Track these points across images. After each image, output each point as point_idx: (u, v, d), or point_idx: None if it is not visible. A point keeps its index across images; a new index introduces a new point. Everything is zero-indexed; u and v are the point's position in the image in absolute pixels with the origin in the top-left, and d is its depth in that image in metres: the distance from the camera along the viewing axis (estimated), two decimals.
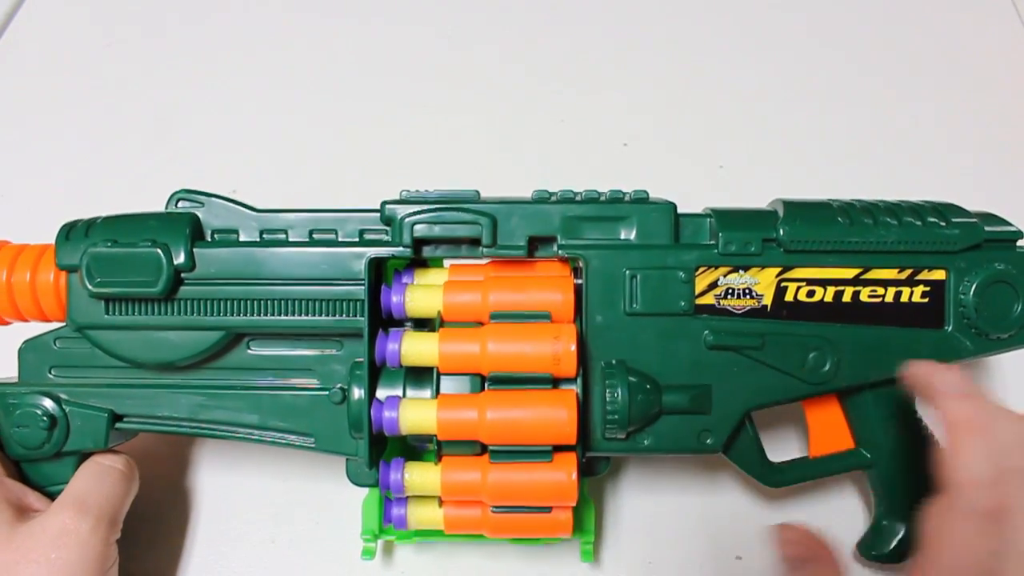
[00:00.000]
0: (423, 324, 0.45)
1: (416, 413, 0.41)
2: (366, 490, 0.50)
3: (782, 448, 0.52)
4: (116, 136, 0.67)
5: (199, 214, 0.46)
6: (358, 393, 0.43)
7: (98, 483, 0.44)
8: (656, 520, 0.51)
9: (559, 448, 0.42)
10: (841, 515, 0.51)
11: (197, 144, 0.66)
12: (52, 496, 0.45)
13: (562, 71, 0.68)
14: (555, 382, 0.42)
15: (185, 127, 0.67)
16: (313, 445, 0.45)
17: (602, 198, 0.44)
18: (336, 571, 0.51)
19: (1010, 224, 0.45)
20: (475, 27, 0.71)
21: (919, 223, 0.44)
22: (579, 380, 0.42)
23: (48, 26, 0.74)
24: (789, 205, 0.45)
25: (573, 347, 0.41)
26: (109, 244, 0.43)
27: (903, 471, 0.46)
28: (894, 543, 0.45)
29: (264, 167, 0.62)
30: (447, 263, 0.47)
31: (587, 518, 0.47)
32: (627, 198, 0.45)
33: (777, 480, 0.46)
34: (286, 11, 0.73)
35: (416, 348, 0.42)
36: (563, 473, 0.41)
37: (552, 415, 0.41)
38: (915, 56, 0.69)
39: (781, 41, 0.70)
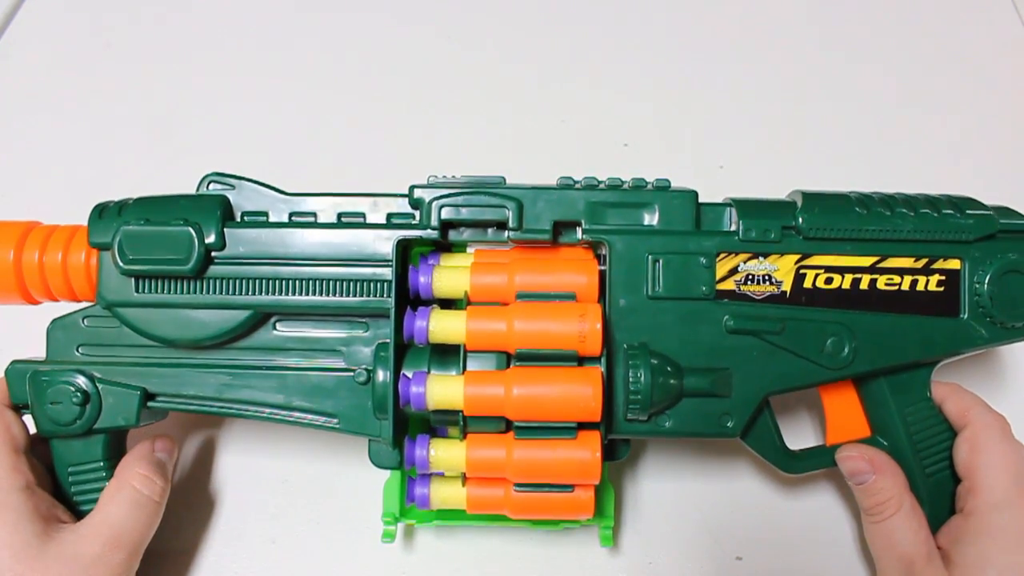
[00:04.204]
0: (448, 306, 0.46)
1: (444, 388, 0.42)
2: (368, 492, 0.51)
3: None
4: (117, 135, 0.67)
5: (230, 196, 0.46)
6: (383, 374, 0.44)
7: (134, 515, 0.44)
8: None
9: (583, 426, 0.42)
10: (851, 508, 0.51)
11: (198, 143, 0.66)
12: (77, 500, 0.46)
13: (563, 71, 0.69)
14: (580, 360, 0.43)
15: (186, 126, 0.67)
16: (337, 426, 0.46)
17: (625, 186, 0.46)
18: (336, 570, 0.51)
19: None
20: (476, 27, 0.72)
21: (934, 214, 0.45)
22: (603, 359, 0.43)
23: (48, 26, 0.74)
24: (808, 195, 0.46)
25: (599, 325, 0.42)
26: (142, 222, 0.44)
27: (919, 459, 0.46)
28: None
29: (263, 168, 0.61)
30: (471, 249, 0.48)
31: (607, 503, 0.47)
32: (649, 186, 0.46)
33: (794, 466, 0.47)
34: (286, 11, 0.73)
35: (444, 325, 0.43)
36: (587, 451, 0.42)
37: (577, 391, 0.41)
38: (915, 57, 0.69)
39: (781, 41, 0.70)
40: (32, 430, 0.47)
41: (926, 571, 0.43)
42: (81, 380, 0.45)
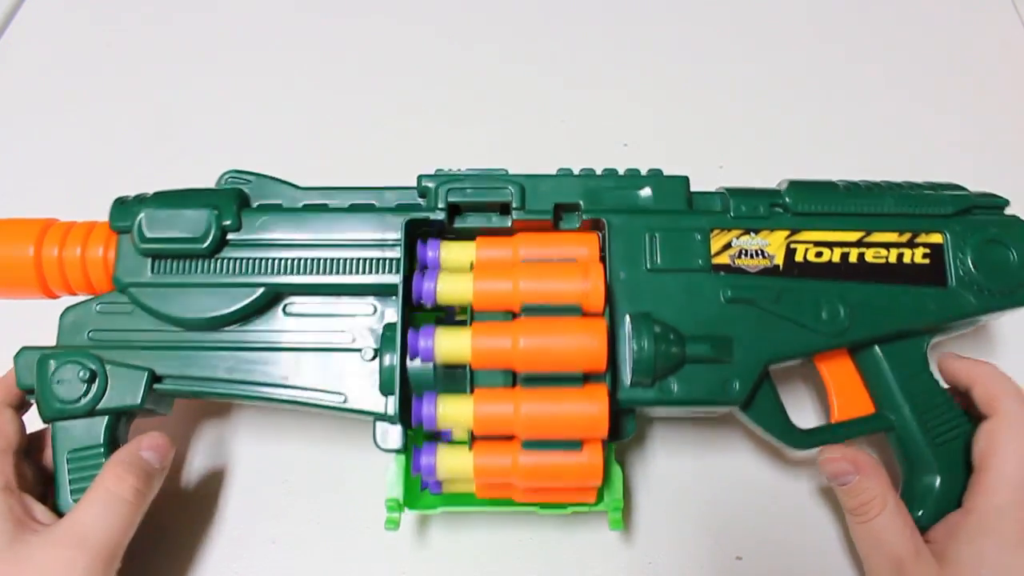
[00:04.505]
0: None
1: (451, 341, 0.42)
2: (369, 492, 0.51)
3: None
4: (118, 135, 0.68)
5: (246, 191, 0.49)
6: (389, 357, 0.45)
7: (104, 515, 0.43)
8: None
9: (589, 380, 0.43)
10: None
11: (202, 143, 0.67)
12: (73, 489, 0.45)
13: (563, 71, 0.70)
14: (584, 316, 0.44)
15: (189, 126, 0.68)
16: (343, 404, 0.46)
17: (620, 174, 0.49)
18: (338, 570, 0.49)
19: (1000, 196, 0.49)
20: (476, 27, 0.73)
21: (913, 192, 0.48)
22: (607, 312, 0.44)
23: (48, 26, 0.75)
24: (794, 181, 0.49)
25: (601, 283, 0.43)
26: (163, 206, 0.47)
27: (924, 428, 0.46)
28: (935, 497, 0.45)
29: (265, 168, 0.55)
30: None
31: (615, 486, 0.46)
32: (643, 174, 0.49)
33: (801, 441, 0.47)
34: (289, 11, 0.75)
35: (451, 287, 0.44)
36: (594, 403, 0.42)
37: (583, 340, 0.42)
38: (915, 57, 0.71)
39: (781, 41, 0.72)
40: (29, 428, 0.47)
41: (916, 568, 0.42)
42: (88, 361, 0.46)
